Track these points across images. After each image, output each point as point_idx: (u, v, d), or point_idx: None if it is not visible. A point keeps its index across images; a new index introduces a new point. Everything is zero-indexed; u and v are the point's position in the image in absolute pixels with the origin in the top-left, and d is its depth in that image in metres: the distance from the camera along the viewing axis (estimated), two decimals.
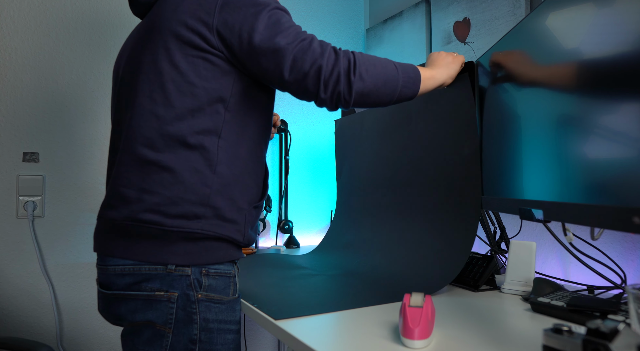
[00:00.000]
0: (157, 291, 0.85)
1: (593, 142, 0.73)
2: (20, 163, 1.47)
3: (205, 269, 0.88)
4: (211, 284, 0.88)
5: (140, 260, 0.85)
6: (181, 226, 0.85)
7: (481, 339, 0.72)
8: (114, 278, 0.87)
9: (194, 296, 0.86)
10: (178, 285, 0.85)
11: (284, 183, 1.88)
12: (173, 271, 0.85)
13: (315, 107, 2.04)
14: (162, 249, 0.85)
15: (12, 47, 1.47)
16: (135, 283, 0.85)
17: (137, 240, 0.86)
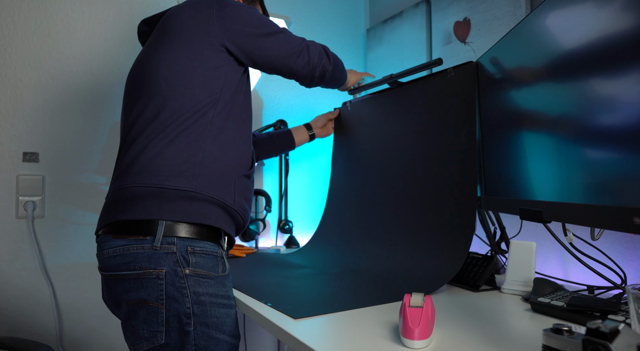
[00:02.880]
0: (146, 269, 0.89)
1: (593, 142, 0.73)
2: (20, 163, 1.47)
3: (191, 247, 0.92)
4: (198, 261, 0.92)
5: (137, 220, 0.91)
6: (178, 186, 0.93)
7: (481, 339, 0.72)
8: (107, 260, 0.94)
9: (181, 272, 0.90)
10: (165, 262, 0.89)
11: (284, 183, 1.88)
12: (159, 249, 0.90)
13: (315, 107, 2.05)
14: (160, 207, 0.91)
15: (12, 47, 1.47)
16: (125, 263, 0.91)
17: (137, 201, 0.92)
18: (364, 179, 1.53)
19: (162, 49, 1.03)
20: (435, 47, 1.72)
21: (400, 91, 1.43)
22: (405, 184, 1.33)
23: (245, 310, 0.96)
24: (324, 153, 2.05)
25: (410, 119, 1.36)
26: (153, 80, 1.00)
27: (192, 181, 0.95)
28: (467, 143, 1.14)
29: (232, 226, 1.03)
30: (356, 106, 1.67)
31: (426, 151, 1.27)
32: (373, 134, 1.53)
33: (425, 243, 1.18)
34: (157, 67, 1.01)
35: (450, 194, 1.16)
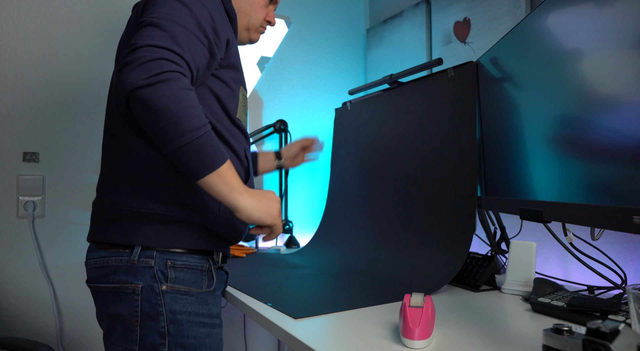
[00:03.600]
0: (123, 283, 0.85)
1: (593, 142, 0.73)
2: (20, 163, 1.47)
3: (171, 261, 0.86)
4: (178, 277, 0.86)
5: (112, 243, 0.86)
6: (150, 208, 0.85)
7: (481, 339, 0.72)
8: (90, 271, 0.90)
9: (158, 288, 0.84)
10: (142, 277, 0.84)
11: (284, 183, 1.88)
12: (136, 263, 0.84)
13: (315, 107, 2.05)
14: (131, 231, 0.85)
15: (12, 47, 1.47)
16: (105, 275, 0.87)
17: (111, 223, 0.88)
18: (363, 179, 1.53)
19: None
20: (435, 47, 1.72)
21: (400, 91, 1.43)
22: (405, 184, 1.33)
23: (245, 309, 0.96)
24: (324, 153, 2.05)
25: (410, 119, 1.36)
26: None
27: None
28: (467, 143, 1.14)
29: (218, 241, 0.94)
30: (356, 106, 1.67)
31: (426, 151, 1.27)
32: (373, 134, 1.53)
33: (425, 243, 1.18)
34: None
35: (451, 194, 1.16)
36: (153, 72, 0.71)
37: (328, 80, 2.08)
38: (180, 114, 0.72)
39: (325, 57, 2.08)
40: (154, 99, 0.71)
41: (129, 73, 0.71)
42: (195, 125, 0.74)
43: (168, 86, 0.72)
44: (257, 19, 1.11)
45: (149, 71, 0.71)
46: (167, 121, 0.72)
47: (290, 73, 1.99)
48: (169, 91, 0.72)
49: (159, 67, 0.71)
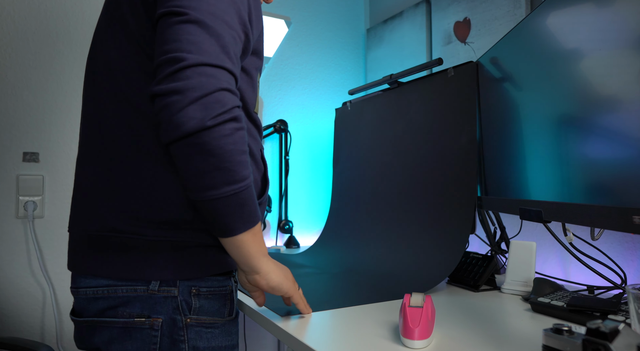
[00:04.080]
0: (137, 317, 0.71)
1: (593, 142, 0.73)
2: (20, 163, 1.47)
3: (196, 288, 0.74)
4: (203, 306, 0.74)
5: (118, 278, 0.71)
6: (165, 236, 0.71)
7: (481, 339, 0.72)
8: (85, 302, 0.74)
9: (181, 321, 0.72)
10: (162, 309, 0.71)
11: (284, 183, 1.88)
12: (156, 292, 0.71)
13: (315, 107, 2.05)
14: (145, 263, 0.71)
15: (12, 47, 1.47)
16: (111, 307, 0.72)
17: (115, 254, 0.72)
18: (364, 179, 1.53)
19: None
20: (435, 47, 1.72)
21: (400, 91, 1.43)
22: (405, 184, 1.33)
23: (245, 309, 0.96)
24: (324, 153, 2.05)
25: (410, 119, 1.36)
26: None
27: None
28: (467, 143, 1.14)
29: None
30: (356, 106, 1.67)
31: (426, 151, 1.27)
32: (373, 134, 1.53)
33: (425, 243, 1.18)
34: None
35: (450, 194, 1.16)
36: (216, 111, 0.59)
37: (328, 80, 2.08)
38: (235, 160, 0.62)
39: (325, 57, 2.08)
40: (213, 142, 0.60)
41: (186, 110, 0.58)
42: (245, 175, 0.64)
43: (230, 127, 0.61)
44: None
45: (212, 110, 0.59)
46: (218, 165, 0.61)
47: (290, 73, 1.99)
48: (229, 131, 0.61)
49: (222, 105, 0.60)
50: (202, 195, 0.63)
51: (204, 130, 0.59)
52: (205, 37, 0.61)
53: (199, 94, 0.59)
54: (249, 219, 0.67)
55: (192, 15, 0.61)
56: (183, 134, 0.59)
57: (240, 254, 0.69)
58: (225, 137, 0.60)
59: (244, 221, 0.66)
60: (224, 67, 0.62)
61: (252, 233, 0.68)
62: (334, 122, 1.81)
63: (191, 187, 0.63)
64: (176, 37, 0.61)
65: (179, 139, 0.60)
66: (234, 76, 0.65)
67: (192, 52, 0.60)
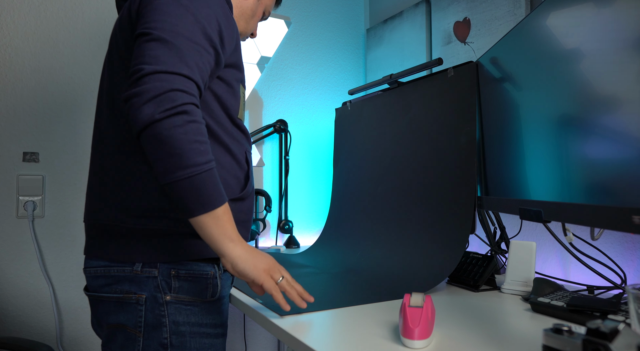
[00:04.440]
0: (127, 293, 0.83)
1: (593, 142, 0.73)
2: (20, 163, 1.47)
3: (175, 270, 0.84)
4: (182, 286, 0.84)
5: (112, 260, 0.85)
6: (145, 224, 0.83)
7: (481, 339, 0.72)
8: (90, 280, 0.88)
9: (161, 298, 0.83)
10: (146, 287, 0.83)
11: (284, 183, 1.88)
12: (139, 273, 0.83)
13: (315, 107, 2.05)
14: (129, 248, 0.84)
15: (12, 47, 1.47)
16: (107, 284, 0.85)
17: (107, 239, 0.86)
18: (364, 179, 1.53)
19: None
20: (435, 47, 1.72)
21: (400, 91, 1.43)
22: (405, 184, 1.33)
23: (245, 309, 0.96)
24: (324, 153, 2.05)
25: (410, 119, 1.36)
26: None
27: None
28: (467, 143, 1.14)
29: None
30: (356, 106, 1.67)
31: (426, 151, 1.27)
32: (373, 134, 1.53)
33: (425, 243, 1.18)
34: None
35: (450, 193, 1.16)
36: (165, 106, 0.69)
37: (328, 80, 2.08)
38: (185, 147, 0.70)
39: (325, 57, 2.08)
40: (163, 131, 0.69)
41: (142, 108, 0.69)
42: (199, 161, 0.72)
43: (179, 118, 0.70)
44: (252, 28, 1.08)
45: (162, 105, 0.69)
46: (170, 152, 0.70)
47: (290, 73, 2.00)
48: (179, 122, 0.70)
49: (171, 101, 0.70)
50: (162, 179, 0.71)
51: (155, 122, 0.69)
52: (165, 51, 0.73)
53: (152, 94, 0.70)
54: (206, 202, 0.73)
55: (154, 34, 0.74)
56: (140, 127, 0.70)
57: (204, 236, 0.75)
58: (176, 128, 0.70)
59: (201, 203, 0.73)
60: (180, 73, 0.72)
61: (213, 216, 0.74)
62: (334, 122, 1.81)
63: (155, 173, 0.72)
64: (141, 53, 0.74)
65: (140, 132, 0.70)
66: (193, 80, 0.74)
67: (150, 64, 0.72)
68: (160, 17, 0.76)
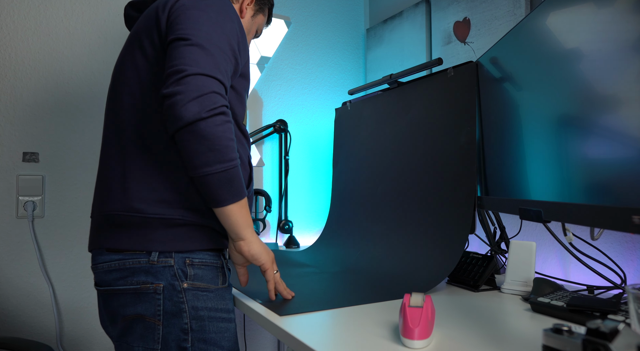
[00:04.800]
0: (143, 284, 0.86)
1: (593, 142, 0.73)
2: (20, 163, 1.47)
3: (190, 259, 0.89)
4: (197, 274, 0.89)
5: (126, 250, 0.88)
6: (162, 214, 0.87)
7: (481, 339, 0.72)
8: (103, 275, 0.90)
9: (179, 286, 0.87)
10: (162, 276, 0.86)
11: (283, 183, 1.88)
12: (156, 263, 0.86)
13: (315, 107, 2.05)
14: (145, 238, 0.87)
15: (12, 47, 1.47)
16: (122, 277, 0.88)
17: (122, 230, 0.89)
18: (364, 179, 1.53)
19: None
20: (435, 47, 1.72)
21: (400, 91, 1.43)
22: (405, 184, 1.33)
23: (245, 309, 0.96)
24: (324, 153, 2.05)
25: (410, 119, 1.36)
26: None
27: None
28: (467, 143, 1.14)
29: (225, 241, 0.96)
30: (356, 106, 1.67)
31: (426, 151, 1.27)
32: (373, 134, 1.53)
33: (424, 242, 1.18)
34: None
35: (450, 193, 1.16)
36: (209, 107, 0.78)
37: (328, 80, 2.08)
38: (223, 144, 0.79)
39: (325, 57, 2.08)
40: (207, 128, 0.78)
41: (187, 106, 0.77)
42: (233, 156, 0.82)
43: (220, 118, 0.79)
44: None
45: (206, 106, 0.78)
46: (211, 147, 0.78)
47: (290, 73, 2.00)
48: (219, 122, 0.79)
49: (213, 102, 0.79)
50: (199, 171, 0.80)
51: (200, 120, 0.77)
52: (202, 56, 0.81)
53: (196, 94, 0.78)
54: (236, 193, 0.84)
55: (193, 40, 0.82)
56: (184, 123, 0.77)
57: (229, 222, 0.85)
58: (217, 126, 0.79)
59: (232, 194, 0.83)
60: (215, 77, 0.81)
61: (239, 205, 0.85)
62: (334, 122, 1.81)
63: (191, 166, 0.80)
64: (182, 55, 0.81)
65: (182, 128, 0.78)
66: (223, 85, 0.83)
67: (192, 66, 0.79)
68: (195, 26, 0.85)
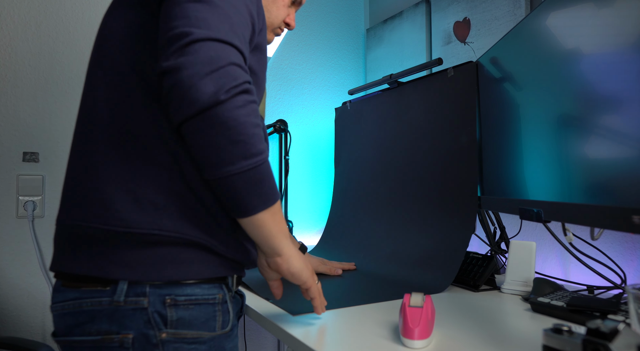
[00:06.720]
0: (105, 334, 0.61)
1: (593, 142, 0.73)
2: (20, 163, 1.47)
3: (171, 298, 0.62)
4: (182, 318, 0.63)
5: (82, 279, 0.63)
6: (129, 225, 0.61)
7: (481, 339, 0.72)
8: (56, 319, 0.66)
9: (155, 337, 0.61)
10: (132, 323, 0.61)
11: (283, 183, 1.88)
12: (122, 304, 0.61)
13: (315, 107, 2.05)
14: (106, 259, 0.62)
15: (12, 47, 1.47)
16: (78, 324, 0.63)
17: (79, 247, 0.64)
18: (365, 179, 1.53)
19: None
20: (435, 47, 1.72)
21: (400, 91, 1.43)
22: (406, 184, 1.33)
23: (245, 309, 0.96)
24: (324, 153, 2.05)
25: (410, 119, 1.36)
26: None
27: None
28: (467, 143, 1.14)
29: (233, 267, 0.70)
30: (356, 106, 1.67)
31: (426, 151, 1.27)
32: (373, 134, 1.53)
33: (425, 243, 1.18)
34: None
35: (451, 194, 1.16)
36: (228, 85, 0.56)
37: (328, 80, 2.08)
38: (249, 132, 0.58)
39: (325, 57, 2.08)
40: (226, 112, 0.56)
41: (199, 85, 0.55)
42: (261, 148, 0.60)
43: (242, 98, 0.58)
44: (277, 17, 0.91)
45: (224, 83, 0.56)
46: (233, 138, 0.57)
47: (290, 73, 1.99)
48: (241, 103, 0.58)
49: (233, 78, 0.57)
50: (218, 172, 0.58)
51: (219, 104, 0.56)
52: (214, 15, 0.59)
53: (210, 68, 0.56)
54: (268, 196, 0.62)
55: None
56: (198, 110, 0.56)
57: (261, 235, 0.64)
58: (239, 109, 0.57)
59: (263, 198, 0.61)
60: (233, 44, 0.59)
61: (272, 211, 0.63)
62: (334, 122, 1.81)
63: (207, 165, 0.59)
64: (184, 14, 0.58)
65: (194, 116, 0.56)
66: (242, 54, 0.61)
67: (200, 28, 0.57)
68: None
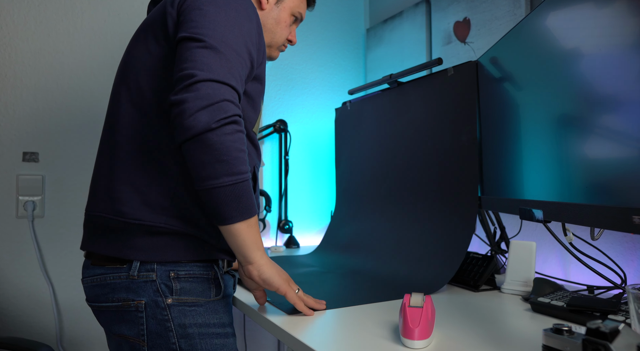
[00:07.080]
0: (124, 301, 0.80)
1: (593, 142, 0.73)
2: (20, 163, 1.47)
3: (174, 272, 0.81)
4: (184, 288, 0.81)
5: (106, 258, 0.82)
6: (142, 219, 0.80)
7: (481, 339, 0.72)
8: (88, 290, 0.86)
9: (163, 302, 0.79)
10: (144, 292, 0.79)
11: (283, 183, 1.88)
12: (136, 278, 0.79)
13: (315, 107, 2.05)
14: (124, 244, 0.80)
15: (12, 47, 1.47)
16: (104, 294, 0.82)
17: (103, 234, 0.83)
18: (366, 180, 1.53)
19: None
20: (435, 47, 1.72)
21: (400, 91, 1.43)
22: (407, 183, 1.33)
23: (245, 309, 0.96)
24: (324, 153, 2.05)
25: (410, 119, 1.36)
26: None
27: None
28: (468, 143, 1.14)
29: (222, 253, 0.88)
30: (356, 106, 1.67)
31: (426, 151, 1.27)
32: (373, 134, 1.53)
33: (425, 243, 1.18)
34: None
35: (451, 193, 1.16)
36: (220, 116, 0.71)
37: (328, 80, 2.08)
38: (233, 155, 0.72)
39: (325, 57, 2.08)
40: (215, 137, 0.71)
41: (196, 115, 0.70)
42: (243, 169, 0.74)
43: (230, 127, 0.73)
44: (281, 36, 1.06)
45: (216, 115, 0.71)
46: (219, 158, 0.71)
47: (290, 73, 1.99)
48: (230, 131, 0.72)
49: (224, 112, 0.72)
50: (204, 184, 0.72)
51: (210, 131, 0.70)
52: (216, 60, 0.74)
53: (207, 102, 0.71)
54: (245, 210, 0.75)
55: (207, 42, 0.75)
56: (193, 134, 0.70)
57: (236, 243, 0.77)
58: (226, 136, 0.72)
59: (240, 211, 0.74)
60: (228, 84, 0.74)
61: (248, 224, 0.76)
62: (334, 122, 1.81)
63: (197, 178, 0.73)
64: (193, 58, 0.74)
65: (190, 139, 0.71)
66: (237, 92, 0.76)
67: (203, 70, 0.72)
68: (210, 25, 0.77)
